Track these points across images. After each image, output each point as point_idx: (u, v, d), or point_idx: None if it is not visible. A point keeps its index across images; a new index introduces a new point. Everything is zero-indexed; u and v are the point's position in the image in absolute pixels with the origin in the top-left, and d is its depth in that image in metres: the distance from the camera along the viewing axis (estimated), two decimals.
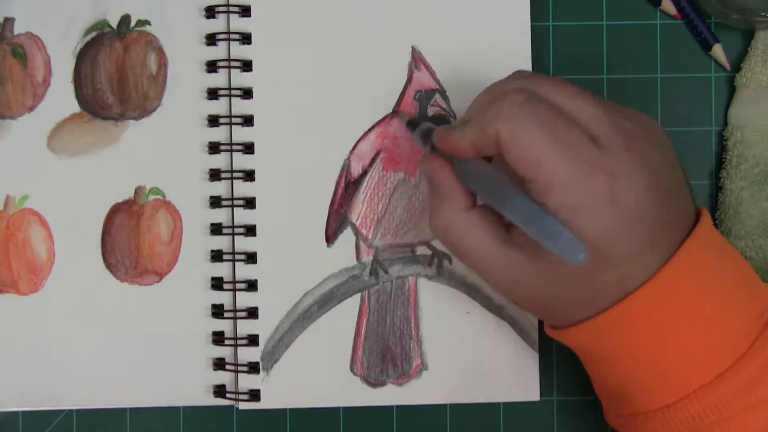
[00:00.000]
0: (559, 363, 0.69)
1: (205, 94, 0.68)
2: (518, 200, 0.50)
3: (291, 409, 0.69)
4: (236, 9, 0.68)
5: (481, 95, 0.57)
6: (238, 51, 0.68)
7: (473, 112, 0.56)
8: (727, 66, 0.69)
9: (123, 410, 0.69)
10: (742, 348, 0.53)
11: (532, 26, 0.68)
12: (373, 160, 0.67)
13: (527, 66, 0.68)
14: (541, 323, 0.65)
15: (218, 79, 0.69)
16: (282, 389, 0.67)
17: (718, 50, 0.68)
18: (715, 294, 0.53)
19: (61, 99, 0.69)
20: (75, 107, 0.69)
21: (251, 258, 0.67)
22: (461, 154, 0.56)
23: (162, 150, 0.68)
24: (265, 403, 0.67)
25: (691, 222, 0.55)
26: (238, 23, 0.68)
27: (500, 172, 0.54)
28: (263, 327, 0.67)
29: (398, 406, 0.69)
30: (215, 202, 0.68)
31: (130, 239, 0.68)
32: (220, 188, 0.68)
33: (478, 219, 0.56)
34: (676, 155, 0.56)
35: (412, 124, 0.64)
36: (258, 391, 0.67)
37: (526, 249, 0.54)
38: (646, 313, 0.53)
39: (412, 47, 0.68)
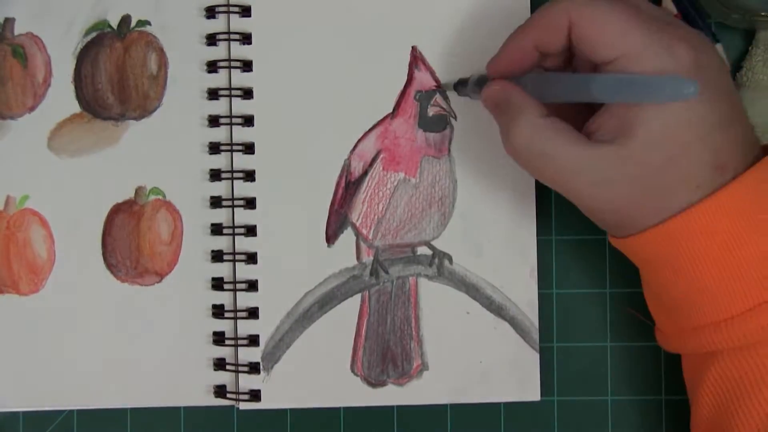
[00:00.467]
0: (559, 363, 0.69)
1: (206, 95, 0.68)
2: (603, 77, 0.52)
3: (291, 409, 0.69)
4: (236, 9, 0.68)
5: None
6: (239, 51, 0.68)
7: (529, 17, 0.58)
8: (727, 66, 0.69)
9: (124, 410, 0.69)
10: None
11: None
12: (373, 160, 0.67)
13: None
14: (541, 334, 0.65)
15: (218, 80, 0.69)
16: (282, 389, 0.67)
17: (718, 50, 0.68)
18: None
19: (61, 99, 0.69)
20: (75, 107, 0.69)
21: (252, 258, 0.67)
22: (524, 59, 0.57)
23: (162, 150, 0.68)
24: (265, 404, 0.67)
25: (757, 151, 0.56)
26: (238, 23, 0.68)
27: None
28: (264, 327, 0.67)
29: (399, 407, 0.69)
30: (215, 202, 0.68)
31: (131, 239, 0.68)
32: (220, 188, 0.68)
33: (558, 123, 0.55)
34: None
35: (461, 84, 0.65)
36: (258, 391, 0.67)
37: (614, 141, 0.53)
38: (722, 218, 0.53)
39: (413, 47, 0.68)
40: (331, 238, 0.68)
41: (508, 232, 0.67)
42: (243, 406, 0.68)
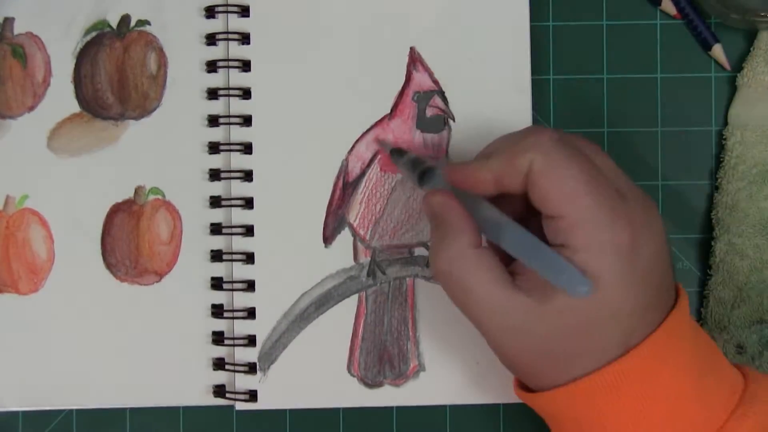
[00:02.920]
0: None
1: (205, 94, 0.69)
2: (514, 232, 0.51)
3: (291, 409, 0.69)
4: (235, 9, 0.68)
5: (498, 139, 0.57)
6: (238, 51, 0.68)
7: (496, 147, 0.56)
8: (727, 66, 0.68)
9: (123, 410, 0.69)
10: (717, 424, 0.53)
11: (531, 26, 0.68)
12: (371, 161, 0.67)
13: (526, 66, 0.67)
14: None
15: (218, 79, 0.69)
16: (279, 390, 0.67)
17: (718, 50, 0.68)
18: (696, 368, 0.54)
19: (61, 99, 0.69)
20: (75, 107, 0.69)
21: (250, 258, 0.67)
22: (479, 187, 0.55)
23: (162, 150, 0.68)
24: (262, 404, 0.67)
25: (674, 297, 0.55)
26: (237, 23, 0.68)
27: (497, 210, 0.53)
28: (260, 327, 0.67)
29: (398, 407, 0.69)
30: (215, 202, 0.68)
31: (130, 239, 0.68)
32: (219, 188, 0.68)
33: (487, 258, 0.54)
34: None
35: (398, 153, 0.64)
36: (255, 391, 0.67)
37: (533, 294, 0.52)
38: (641, 374, 0.52)
39: (411, 48, 0.68)
40: (328, 238, 0.67)
41: None
42: (240, 406, 0.68)
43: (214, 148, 0.68)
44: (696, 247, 0.69)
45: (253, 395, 0.67)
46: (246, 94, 0.68)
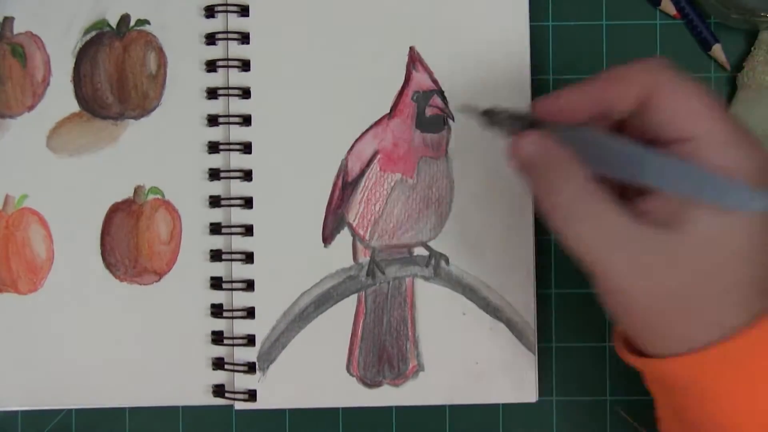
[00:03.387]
0: (558, 363, 0.69)
1: (205, 94, 0.69)
2: (667, 161, 0.47)
3: (290, 409, 0.69)
4: (235, 8, 0.68)
5: (591, 77, 0.52)
6: (237, 51, 0.68)
7: (593, 78, 0.51)
8: (727, 66, 0.68)
9: (122, 410, 0.69)
10: None
11: (531, 26, 0.68)
12: (370, 161, 0.67)
13: (526, 66, 0.67)
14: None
15: (218, 79, 0.69)
16: (278, 390, 0.67)
17: (718, 50, 0.68)
18: None
19: (60, 98, 0.69)
20: (74, 107, 0.69)
21: (249, 258, 0.67)
22: (575, 116, 0.51)
23: (161, 149, 0.69)
24: (260, 404, 0.67)
25: None
26: (237, 23, 0.68)
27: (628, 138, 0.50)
28: (260, 327, 0.67)
29: (398, 407, 0.69)
30: (214, 201, 0.68)
31: (130, 239, 0.68)
32: (219, 188, 0.68)
33: (606, 193, 0.49)
34: None
35: (489, 115, 0.54)
36: (254, 391, 0.67)
37: (666, 225, 0.48)
38: (762, 349, 0.48)
39: (410, 47, 0.68)
40: (327, 238, 0.67)
41: (505, 233, 0.67)
42: (239, 406, 0.68)
43: (213, 147, 0.68)
44: None
45: (252, 395, 0.67)
46: (245, 93, 0.68)
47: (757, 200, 0.45)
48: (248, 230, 0.68)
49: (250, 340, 0.67)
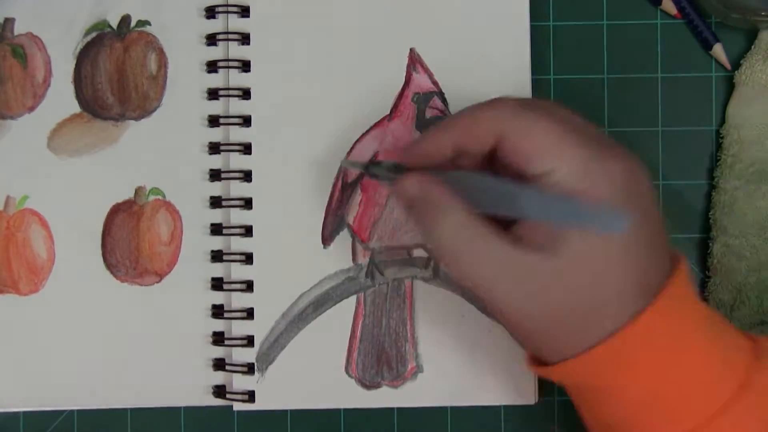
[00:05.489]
0: None
1: (205, 95, 0.69)
2: (535, 194, 0.49)
3: (291, 410, 0.69)
4: (235, 9, 0.68)
5: (453, 115, 0.56)
6: (238, 51, 0.68)
7: (454, 118, 0.55)
8: (728, 66, 0.68)
9: (124, 411, 0.69)
10: (738, 379, 0.51)
11: (532, 26, 0.67)
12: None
13: (526, 67, 0.67)
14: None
15: (218, 80, 0.69)
16: (277, 391, 0.67)
17: (718, 50, 0.68)
18: (707, 327, 0.53)
19: (61, 99, 0.69)
20: (75, 107, 0.69)
21: (249, 258, 0.67)
22: (438, 159, 0.54)
23: (162, 150, 0.69)
24: (259, 405, 0.67)
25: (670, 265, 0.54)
26: (237, 23, 0.68)
27: (495, 174, 0.52)
28: (258, 328, 0.67)
29: (399, 409, 0.69)
30: (215, 202, 0.68)
31: (130, 239, 0.68)
32: (220, 188, 0.68)
33: (485, 225, 0.52)
34: None
35: (373, 166, 0.60)
36: (254, 392, 0.67)
37: (543, 250, 0.50)
38: (648, 342, 0.51)
39: (411, 49, 0.67)
40: (327, 239, 0.67)
41: None
42: (237, 407, 0.68)
43: (214, 148, 0.68)
44: (697, 247, 0.69)
45: (251, 396, 0.67)
46: (246, 94, 0.68)
47: (617, 222, 0.47)
48: (248, 231, 0.68)
49: (250, 341, 0.67)
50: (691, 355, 0.52)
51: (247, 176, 0.68)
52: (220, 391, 0.68)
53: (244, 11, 0.68)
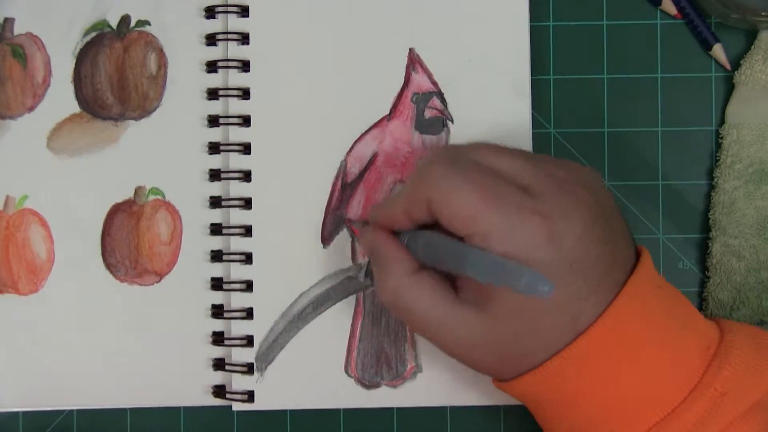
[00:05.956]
0: None
1: (205, 94, 0.69)
2: (477, 255, 0.51)
3: (291, 410, 0.69)
4: (235, 9, 0.68)
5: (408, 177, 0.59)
6: (237, 51, 0.68)
7: (405, 185, 0.58)
8: (728, 66, 0.68)
9: (123, 410, 0.69)
10: (693, 381, 0.53)
11: (532, 26, 0.67)
12: (369, 162, 0.67)
13: (526, 67, 0.67)
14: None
15: (218, 80, 0.69)
16: (276, 391, 0.67)
17: (718, 50, 0.68)
18: (661, 331, 0.54)
19: (60, 99, 0.69)
20: (75, 107, 0.69)
21: (249, 258, 0.67)
22: (397, 224, 0.58)
23: (162, 150, 0.69)
24: (258, 405, 0.67)
25: (633, 263, 0.56)
26: (237, 23, 0.68)
27: (444, 235, 0.54)
28: (258, 328, 0.67)
29: (399, 409, 0.69)
30: (215, 202, 0.68)
31: (130, 239, 0.68)
32: (219, 188, 0.68)
33: (427, 280, 0.56)
34: (614, 200, 0.57)
35: (353, 222, 0.67)
36: (253, 392, 0.67)
37: (477, 304, 0.54)
38: (598, 352, 0.53)
39: (410, 49, 0.67)
40: (326, 239, 0.67)
41: None
42: (236, 407, 0.68)
43: (214, 148, 0.68)
44: (698, 247, 0.69)
45: (250, 396, 0.67)
46: (245, 94, 0.68)
47: (540, 286, 0.47)
48: (247, 231, 0.68)
49: (250, 341, 0.67)
50: (642, 361, 0.53)
51: (246, 176, 0.68)
52: (219, 391, 0.68)
53: (244, 11, 0.68)
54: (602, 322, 0.52)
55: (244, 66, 0.68)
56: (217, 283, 0.68)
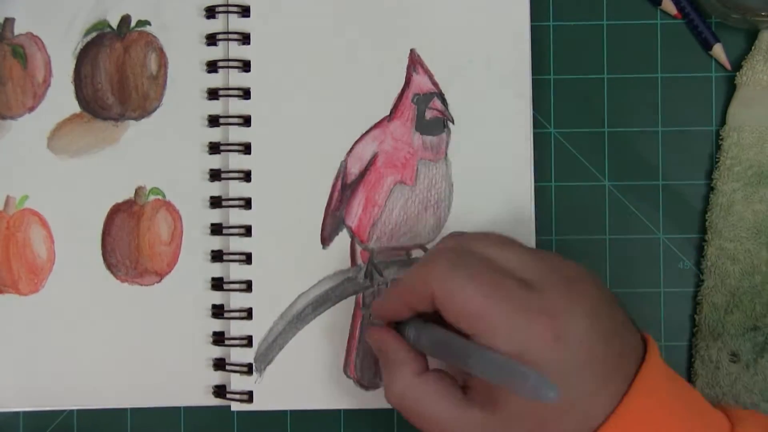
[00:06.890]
0: None
1: (206, 95, 0.69)
2: (475, 351, 0.51)
3: (291, 410, 0.69)
4: (235, 9, 0.68)
5: (409, 269, 0.58)
6: (238, 51, 0.68)
7: (405, 277, 0.57)
8: (728, 66, 0.68)
9: (123, 410, 0.69)
10: None
11: (532, 26, 0.67)
12: (369, 163, 0.67)
13: (526, 67, 0.67)
14: None
15: (218, 79, 0.69)
16: (275, 391, 0.67)
17: (718, 50, 0.68)
18: (674, 422, 0.53)
19: (61, 99, 0.69)
20: (75, 107, 0.69)
21: (248, 258, 0.67)
22: (399, 316, 0.58)
23: (162, 150, 0.69)
24: (257, 405, 0.67)
25: (641, 353, 0.55)
26: (237, 23, 0.68)
27: (450, 332, 0.54)
28: (257, 328, 0.67)
29: None
30: (215, 202, 0.68)
31: (131, 239, 0.68)
32: (220, 188, 0.68)
33: (434, 382, 0.56)
34: (614, 295, 0.56)
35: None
36: (252, 392, 0.67)
37: (485, 407, 0.53)
38: None
39: (411, 50, 0.67)
40: (326, 240, 0.67)
41: None
42: (235, 407, 0.68)
43: (214, 148, 0.68)
44: (697, 247, 0.69)
45: (250, 396, 0.67)
46: (246, 94, 0.68)
47: (545, 391, 0.47)
48: (247, 231, 0.68)
49: (249, 341, 0.67)
50: None
51: (246, 176, 0.68)
52: (220, 391, 0.68)
53: (244, 11, 0.68)
54: (613, 420, 0.51)
55: (245, 66, 0.68)
56: (217, 283, 0.68)
